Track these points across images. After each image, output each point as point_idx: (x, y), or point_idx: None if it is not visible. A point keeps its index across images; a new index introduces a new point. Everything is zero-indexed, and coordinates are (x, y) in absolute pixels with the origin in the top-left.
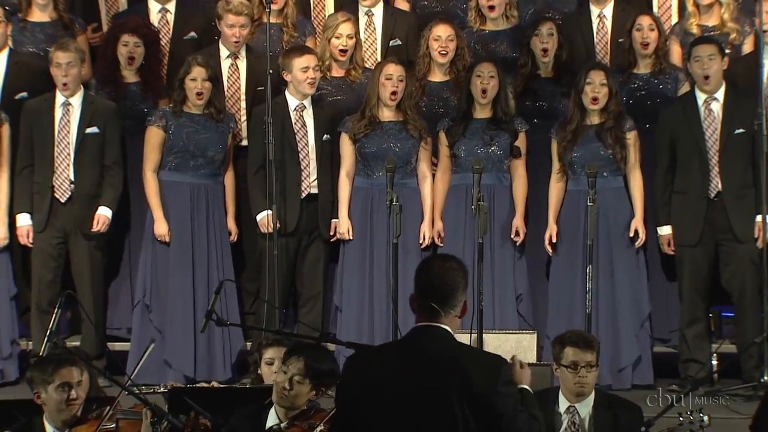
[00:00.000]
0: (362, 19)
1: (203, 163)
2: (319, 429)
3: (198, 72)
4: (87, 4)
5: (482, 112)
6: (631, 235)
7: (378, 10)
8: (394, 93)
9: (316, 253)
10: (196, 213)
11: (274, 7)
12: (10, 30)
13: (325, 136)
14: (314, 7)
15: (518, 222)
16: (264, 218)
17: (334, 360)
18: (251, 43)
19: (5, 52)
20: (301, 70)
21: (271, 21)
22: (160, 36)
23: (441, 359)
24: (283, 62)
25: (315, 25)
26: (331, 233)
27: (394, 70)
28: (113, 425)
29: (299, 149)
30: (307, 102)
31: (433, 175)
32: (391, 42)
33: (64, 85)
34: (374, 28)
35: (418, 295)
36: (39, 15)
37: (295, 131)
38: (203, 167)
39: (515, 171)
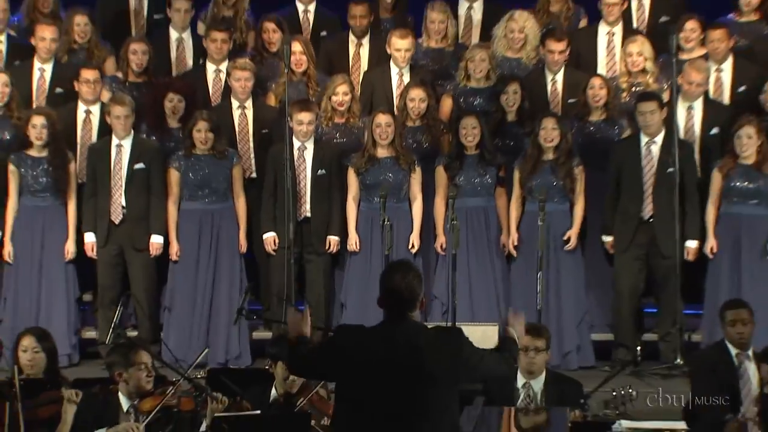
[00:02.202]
0: (395, 78)
1: (209, 193)
2: (301, 401)
3: (202, 125)
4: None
5: (471, 150)
6: (565, 238)
7: (406, 71)
8: (383, 137)
9: (316, 264)
10: (204, 233)
11: (298, 69)
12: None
13: (321, 170)
14: (353, 66)
15: (505, 239)
16: (269, 237)
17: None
18: (282, 97)
19: (98, 106)
20: (297, 123)
21: (298, 79)
22: (214, 91)
23: (418, 340)
24: (289, 111)
25: (351, 78)
26: (327, 248)
27: (382, 119)
28: (175, 401)
29: (299, 181)
30: (309, 143)
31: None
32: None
33: (122, 131)
34: (403, 86)
35: (386, 301)
36: (134, 77)
37: (296, 166)
38: (209, 196)
39: (499, 196)
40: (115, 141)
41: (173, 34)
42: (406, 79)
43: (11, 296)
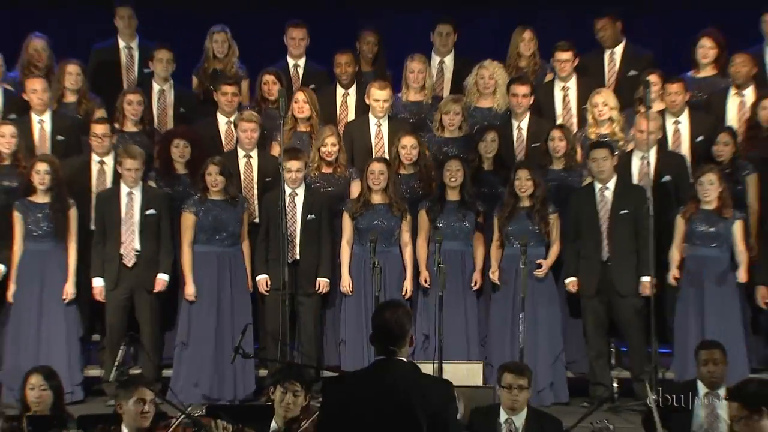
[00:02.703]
0: (373, 128)
1: (226, 236)
2: (303, 424)
3: (212, 169)
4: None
5: (453, 195)
6: (537, 262)
7: (384, 121)
8: (376, 183)
9: (307, 305)
10: (222, 274)
11: (300, 115)
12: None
13: (310, 216)
14: (340, 115)
15: (477, 276)
16: (262, 279)
17: (309, 374)
18: (287, 148)
19: (111, 156)
20: (286, 171)
21: (302, 130)
22: (227, 142)
23: (406, 386)
24: (281, 159)
25: (338, 128)
26: (317, 289)
27: (375, 167)
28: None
29: (288, 225)
30: (299, 190)
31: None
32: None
33: (132, 182)
34: (382, 135)
35: (377, 337)
36: (130, 127)
37: (287, 212)
38: (226, 240)
39: (477, 240)
40: (125, 189)
41: (155, 87)
42: (385, 128)
43: (12, 336)
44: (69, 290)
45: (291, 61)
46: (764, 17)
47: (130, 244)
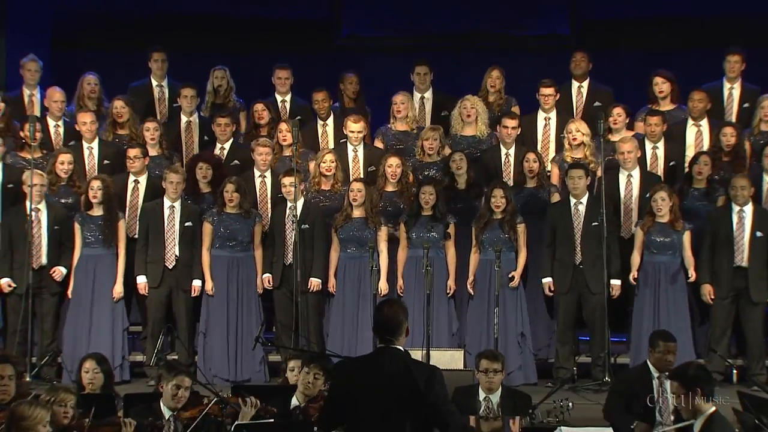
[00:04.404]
0: (351, 154)
1: (235, 244)
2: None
3: (229, 187)
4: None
5: (426, 212)
6: (510, 276)
7: (360, 148)
8: (355, 200)
9: (304, 300)
10: (231, 276)
11: (284, 143)
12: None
13: (305, 225)
14: (321, 143)
15: (451, 282)
16: (266, 277)
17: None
18: (276, 167)
19: (144, 176)
20: (283, 186)
21: (286, 155)
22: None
23: (398, 369)
24: (281, 176)
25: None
26: (308, 287)
27: (355, 186)
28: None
29: (286, 234)
30: (298, 204)
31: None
32: (369, 168)
33: (174, 193)
34: (358, 160)
35: (376, 329)
36: (152, 152)
37: (285, 222)
38: (236, 246)
39: (447, 248)
40: (167, 203)
41: (183, 118)
42: (360, 154)
43: (70, 326)
44: (117, 290)
45: (279, 97)
46: (727, 57)
47: (172, 249)
